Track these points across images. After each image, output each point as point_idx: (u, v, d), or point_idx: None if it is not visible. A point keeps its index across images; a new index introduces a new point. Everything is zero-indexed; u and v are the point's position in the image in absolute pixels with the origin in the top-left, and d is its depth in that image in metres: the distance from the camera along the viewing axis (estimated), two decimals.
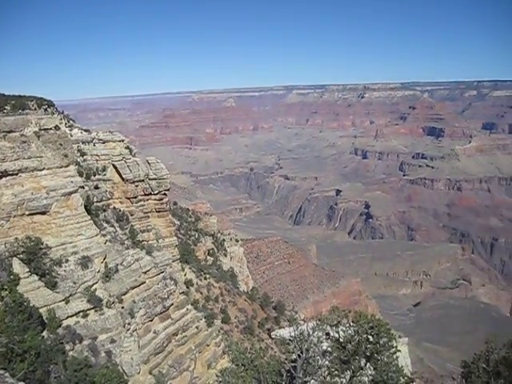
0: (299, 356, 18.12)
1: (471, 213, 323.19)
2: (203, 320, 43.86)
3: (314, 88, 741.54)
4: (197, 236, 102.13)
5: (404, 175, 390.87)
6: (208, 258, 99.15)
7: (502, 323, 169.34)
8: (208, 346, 42.95)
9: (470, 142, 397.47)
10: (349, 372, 17.87)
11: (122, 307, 35.46)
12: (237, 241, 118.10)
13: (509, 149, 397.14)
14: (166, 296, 39.62)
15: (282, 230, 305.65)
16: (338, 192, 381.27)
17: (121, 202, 51.14)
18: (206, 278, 77.81)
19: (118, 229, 44.09)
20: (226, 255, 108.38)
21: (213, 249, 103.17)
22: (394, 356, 18.13)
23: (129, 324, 35.17)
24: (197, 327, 42.32)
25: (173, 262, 54.49)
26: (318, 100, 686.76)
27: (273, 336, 23.09)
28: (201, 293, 73.18)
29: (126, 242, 41.99)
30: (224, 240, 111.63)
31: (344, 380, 17.80)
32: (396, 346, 18.38)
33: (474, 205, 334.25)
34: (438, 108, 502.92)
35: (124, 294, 36.06)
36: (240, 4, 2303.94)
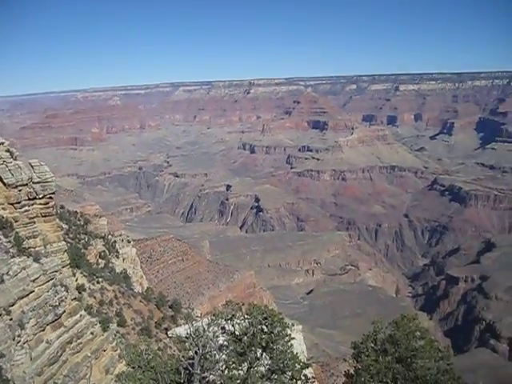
0: (196, 352, 17.98)
1: (356, 201, 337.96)
2: (98, 325, 41.18)
3: (200, 85, 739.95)
4: (87, 239, 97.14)
5: (291, 168, 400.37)
6: (100, 261, 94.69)
7: (389, 304, 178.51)
8: (105, 351, 40.45)
9: (352, 133, 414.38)
10: (246, 364, 18.01)
11: (11, 319, 32.26)
12: (129, 241, 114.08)
13: (388, 139, 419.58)
14: (57, 303, 36.60)
15: (174, 227, 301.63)
16: (228, 187, 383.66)
17: (3, 209, 46.83)
18: (98, 282, 74.01)
19: (1, 237, 40.37)
20: (118, 257, 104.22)
21: (104, 251, 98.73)
22: (289, 344, 18.47)
23: (19, 336, 32.03)
24: (92, 333, 39.66)
25: (63, 267, 50.76)
26: (204, 96, 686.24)
27: (169, 335, 22.43)
28: (94, 297, 69.51)
29: (10, 250, 38.37)
30: (115, 241, 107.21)
31: (242, 372, 17.83)
32: (290, 334, 18.73)
33: (358, 193, 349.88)
34: (321, 102, 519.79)
35: (12, 305, 32.79)
36: (119, 3, 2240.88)
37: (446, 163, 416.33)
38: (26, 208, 49.35)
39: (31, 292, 34.92)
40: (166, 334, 61.98)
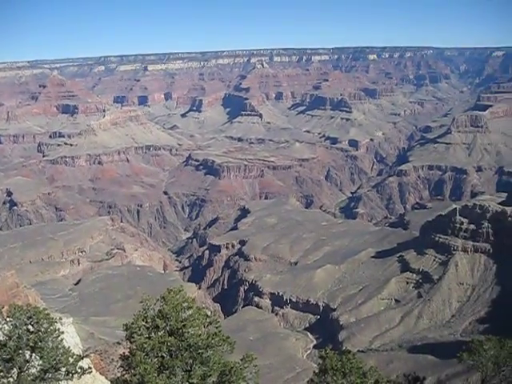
0: None
1: (115, 184, 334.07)
2: None
3: None
4: None
5: (43, 156, 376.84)
6: None
7: (158, 281, 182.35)
8: None
9: (104, 116, 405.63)
10: (15, 369, 17.15)
11: None
12: None
13: (140, 119, 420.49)
14: None
15: None
16: None
17: None
18: None
19: None
20: None
21: None
22: (59, 339, 18.13)
23: None
24: None
25: None
26: None
27: None
28: None
29: None
30: None
31: (11, 379, 17.00)
32: (59, 329, 18.40)
33: (116, 176, 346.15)
34: (69, 85, 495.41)
35: None
36: None
37: (198, 139, 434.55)
38: None
39: None
40: None
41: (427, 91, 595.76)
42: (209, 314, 21.11)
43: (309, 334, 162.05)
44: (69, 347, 18.33)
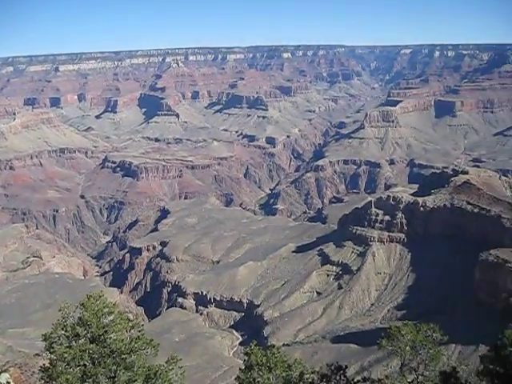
0: None
1: (28, 189, 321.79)
2: None
3: None
4: None
5: None
6: None
7: (78, 287, 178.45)
8: None
9: (15, 119, 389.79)
10: None
11: None
12: None
13: (53, 122, 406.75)
14: None
15: None
16: None
17: None
18: None
19: None
20: None
21: None
22: None
23: None
24: None
25: None
26: None
27: None
28: None
29: None
30: None
31: None
32: None
33: (30, 181, 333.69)
34: None
35: None
36: None
37: (114, 140, 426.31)
38: None
39: None
40: None
41: (340, 88, 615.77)
42: (131, 318, 21.53)
43: (234, 331, 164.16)
44: None
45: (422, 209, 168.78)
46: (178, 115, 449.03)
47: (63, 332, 19.82)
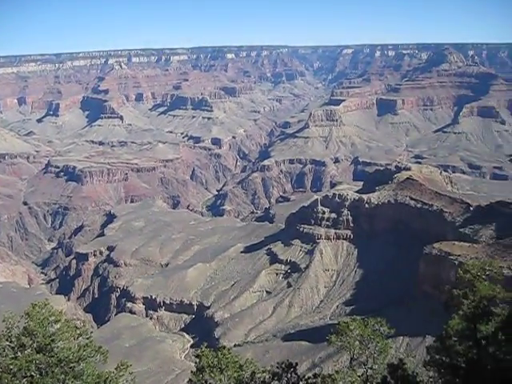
0: None
1: None
2: None
3: None
4: None
5: None
6: None
7: (23, 296, 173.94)
8: None
9: None
10: None
11: None
12: None
13: None
14: None
15: None
16: None
17: None
18: None
19: None
20: None
21: None
22: None
23: None
24: None
25: None
26: None
27: None
28: None
29: None
30: None
31: None
32: None
33: None
34: None
35: None
36: None
37: (57, 144, 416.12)
38: None
39: None
40: None
41: (284, 88, 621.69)
42: (79, 325, 21.18)
43: (185, 334, 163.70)
44: None
45: (366, 205, 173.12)
46: (121, 118, 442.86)
47: (8, 343, 19.49)
